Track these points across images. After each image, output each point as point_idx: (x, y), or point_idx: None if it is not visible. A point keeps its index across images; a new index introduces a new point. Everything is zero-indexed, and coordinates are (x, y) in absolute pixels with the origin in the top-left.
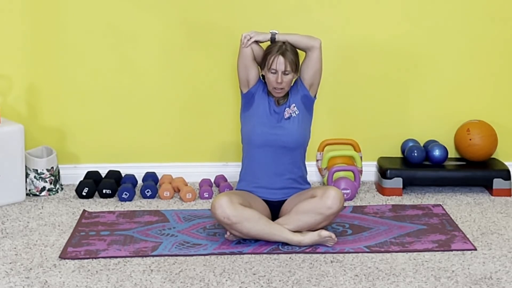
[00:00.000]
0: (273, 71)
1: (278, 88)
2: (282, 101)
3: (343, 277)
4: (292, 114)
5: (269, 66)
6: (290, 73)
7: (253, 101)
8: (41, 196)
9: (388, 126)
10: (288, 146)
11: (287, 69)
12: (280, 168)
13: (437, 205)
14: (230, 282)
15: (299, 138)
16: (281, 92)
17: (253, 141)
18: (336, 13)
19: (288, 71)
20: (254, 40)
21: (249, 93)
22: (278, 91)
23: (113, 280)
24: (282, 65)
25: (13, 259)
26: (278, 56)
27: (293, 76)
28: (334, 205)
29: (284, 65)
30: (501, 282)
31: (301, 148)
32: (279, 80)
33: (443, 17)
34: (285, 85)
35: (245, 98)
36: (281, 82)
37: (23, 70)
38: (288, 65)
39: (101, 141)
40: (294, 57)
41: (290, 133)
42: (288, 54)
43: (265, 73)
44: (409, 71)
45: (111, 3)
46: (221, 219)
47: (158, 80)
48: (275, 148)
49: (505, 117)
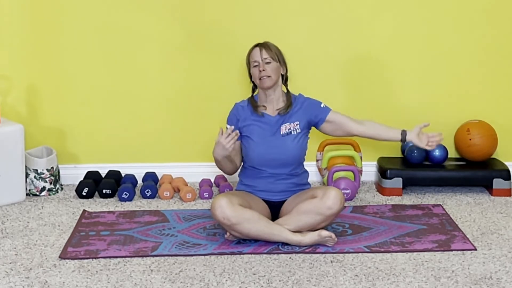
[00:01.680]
0: (255, 63)
1: (263, 76)
2: (284, 111)
3: (343, 277)
4: (292, 131)
5: (250, 62)
6: (272, 61)
7: (244, 133)
8: (41, 196)
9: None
10: (286, 162)
11: (264, 56)
12: (279, 177)
13: (437, 205)
14: (230, 282)
15: (296, 154)
16: (268, 80)
17: (251, 161)
18: (335, 13)
19: (268, 59)
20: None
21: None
22: (264, 79)
23: (113, 280)
24: (259, 54)
25: (13, 259)
26: (255, 49)
27: (277, 66)
28: (335, 206)
29: (261, 54)
30: (501, 282)
31: (300, 159)
32: (261, 68)
33: (443, 17)
34: (269, 72)
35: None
36: (264, 70)
37: (23, 70)
38: (265, 53)
39: (101, 141)
40: (274, 48)
41: (287, 151)
42: (264, 45)
43: (251, 73)
44: (409, 71)
45: (111, 3)
46: (221, 220)
47: (158, 80)
48: (273, 165)
49: (505, 117)
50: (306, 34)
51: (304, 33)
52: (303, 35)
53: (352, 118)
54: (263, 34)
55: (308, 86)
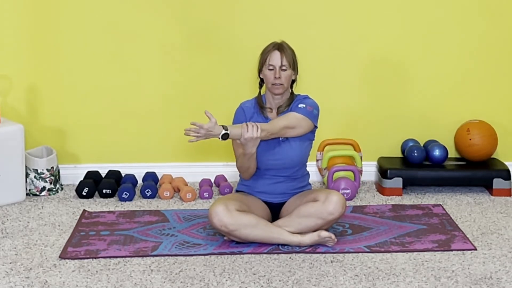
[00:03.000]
0: (271, 67)
1: (276, 83)
2: (283, 110)
3: (343, 277)
4: None
5: (266, 63)
6: (288, 68)
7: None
8: (41, 196)
9: (388, 126)
10: (287, 166)
11: (283, 63)
12: (280, 179)
13: (437, 205)
14: (230, 282)
15: (297, 159)
16: (280, 88)
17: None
18: (335, 13)
19: (286, 66)
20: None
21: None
22: (277, 87)
23: (113, 280)
24: (279, 60)
25: (13, 259)
26: (274, 51)
27: (291, 73)
28: (336, 211)
29: (281, 59)
30: (501, 282)
31: (302, 162)
32: (277, 75)
33: (443, 17)
34: (283, 81)
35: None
36: (279, 77)
37: (23, 70)
38: (285, 60)
39: (101, 141)
40: (291, 54)
41: (289, 156)
42: (284, 49)
43: (263, 73)
44: (409, 71)
45: (111, 4)
46: (218, 227)
47: (158, 80)
48: (275, 168)
49: (505, 117)
50: (306, 34)
51: (304, 33)
52: (303, 35)
53: (286, 119)
54: (262, 34)
55: (308, 86)
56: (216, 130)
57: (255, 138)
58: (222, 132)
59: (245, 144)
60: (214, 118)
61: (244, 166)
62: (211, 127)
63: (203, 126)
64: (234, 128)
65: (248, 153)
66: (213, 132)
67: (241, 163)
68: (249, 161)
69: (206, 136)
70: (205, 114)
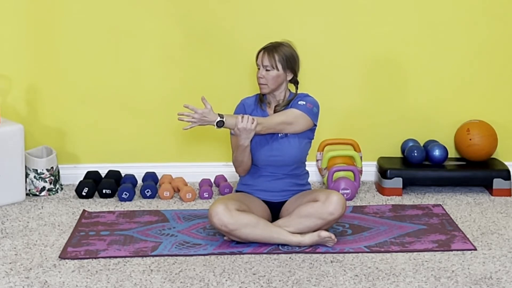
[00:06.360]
0: (258, 66)
1: (261, 83)
2: (280, 109)
3: (343, 277)
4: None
5: (256, 62)
6: (272, 69)
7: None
8: (41, 196)
9: (388, 126)
10: (286, 163)
11: (265, 63)
12: (279, 176)
13: (437, 205)
14: (230, 282)
15: (295, 156)
16: (265, 88)
17: (252, 160)
18: (335, 13)
19: (269, 67)
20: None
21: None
22: (261, 86)
23: (113, 280)
24: (263, 60)
25: (13, 259)
26: (262, 51)
27: (278, 74)
28: (336, 212)
29: (263, 60)
30: (501, 282)
31: (300, 160)
32: (259, 74)
33: (443, 17)
34: (267, 81)
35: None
36: (262, 77)
37: (23, 70)
38: (267, 61)
39: (101, 141)
40: (282, 55)
41: (287, 153)
42: (272, 50)
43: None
44: (409, 71)
45: (111, 4)
46: (218, 227)
47: (158, 80)
48: (274, 165)
49: (505, 117)
50: (306, 34)
51: (304, 33)
52: (304, 35)
53: (284, 114)
54: (263, 34)
55: (308, 86)
56: (211, 116)
57: (249, 129)
58: (217, 119)
59: (239, 135)
60: (209, 104)
61: (238, 160)
62: (206, 112)
63: (197, 110)
64: (230, 118)
65: (241, 145)
66: (208, 119)
67: (235, 156)
68: (243, 154)
69: (201, 122)
70: (201, 100)
